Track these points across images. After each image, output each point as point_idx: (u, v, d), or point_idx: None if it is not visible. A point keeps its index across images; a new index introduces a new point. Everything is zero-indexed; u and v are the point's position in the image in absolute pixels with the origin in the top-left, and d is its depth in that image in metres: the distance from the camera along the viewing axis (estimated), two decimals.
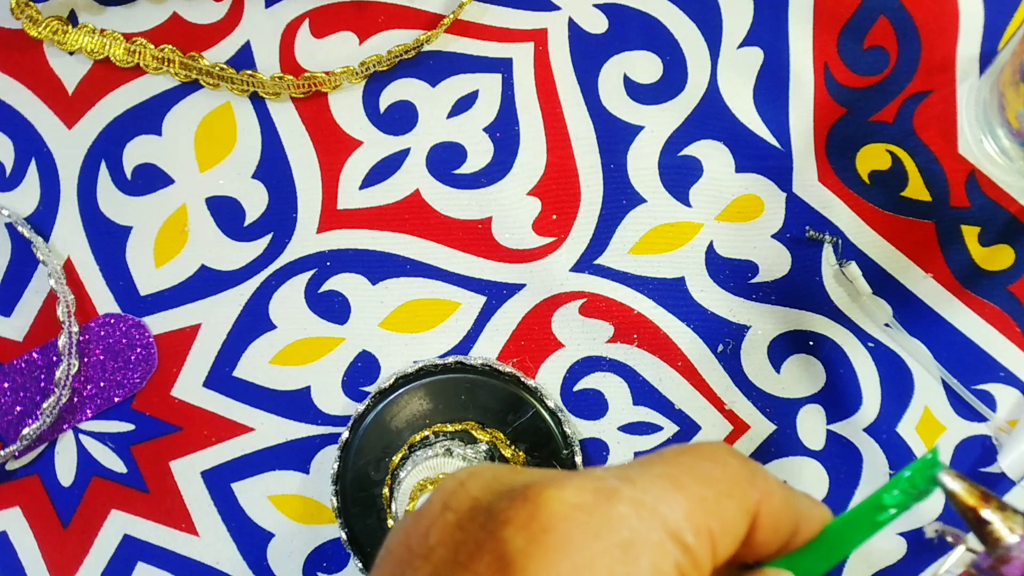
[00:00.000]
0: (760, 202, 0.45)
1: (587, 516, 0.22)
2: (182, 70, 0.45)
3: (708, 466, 0.24)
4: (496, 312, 0.45)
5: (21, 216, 0.45)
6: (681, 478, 0.23)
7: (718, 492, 0.23)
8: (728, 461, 0.24)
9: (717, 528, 0.23)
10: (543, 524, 0.21)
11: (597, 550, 0.21)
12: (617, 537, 0.22)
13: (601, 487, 0.23)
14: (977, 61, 0.44)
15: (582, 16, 0.45)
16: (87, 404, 0.45)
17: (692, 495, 0.23)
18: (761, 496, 0.24)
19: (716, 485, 0.24)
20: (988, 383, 0.44)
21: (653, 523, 0.22)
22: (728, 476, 0.24)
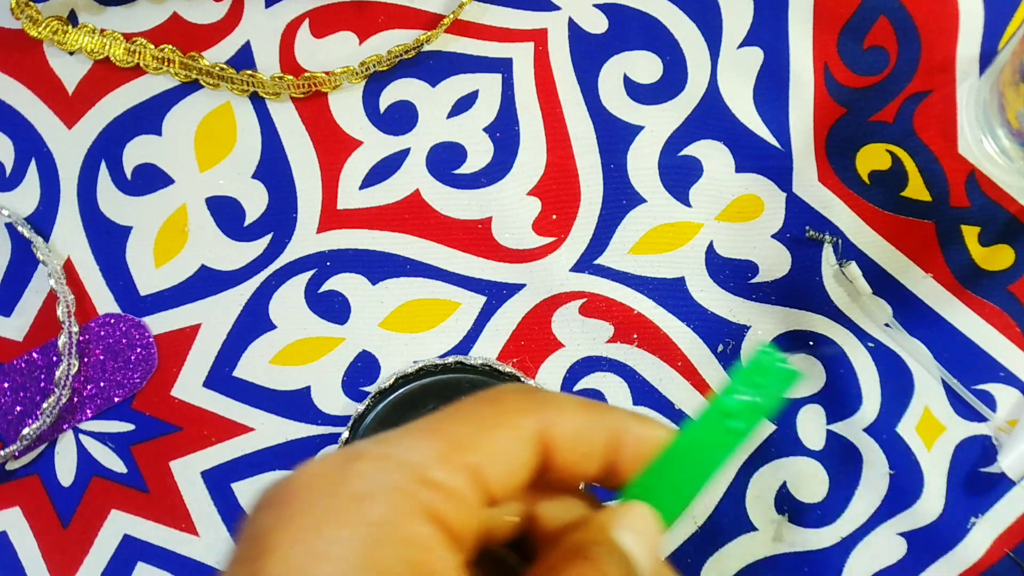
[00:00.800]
0: (760, 202, 0.45)
1: (325, 480, 0.22)
2: (182, 70, 0.45)
3: (478, 407, 0.24)
4: (496, 312, 0.45)
5: (21, 216, 0.45)
6: (439, 424, 0.24)
7: (481, 426, 0.23)
8: (503, 396, 0.24)
9: (481, 459, 0.23)
10: (286, 497, 0.22)
11: (331, 505, 0.21)
12: (351, 490, 0.22)
13: (348, 452, 0.23)
14: (977, 61, 0.44)
15: (582, 16, 0.45)
16: (87, 404, 0.45)
17: (446, 436, 0.23)
18: (545, 420, 0.24)
19: (480, 420, 0.24)
20: (988, 383, 0.44)
21: (395, 471, 0.22)
22: (498, 410, 0.24)
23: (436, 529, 0.22)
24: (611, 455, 0.25)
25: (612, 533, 0.24)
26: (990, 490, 0.43)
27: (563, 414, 0.24)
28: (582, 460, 0.25)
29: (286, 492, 0.22)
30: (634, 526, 0.24)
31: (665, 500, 0.25)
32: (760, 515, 0.44)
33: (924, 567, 0.43)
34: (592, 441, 0.25)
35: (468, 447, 0.23)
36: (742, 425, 0.25)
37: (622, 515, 0.24)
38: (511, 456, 0.24)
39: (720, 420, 0.25)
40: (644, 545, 0.24)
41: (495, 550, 0.26)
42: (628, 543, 0.24)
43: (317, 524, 0.21)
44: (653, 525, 0.25)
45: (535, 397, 0.25)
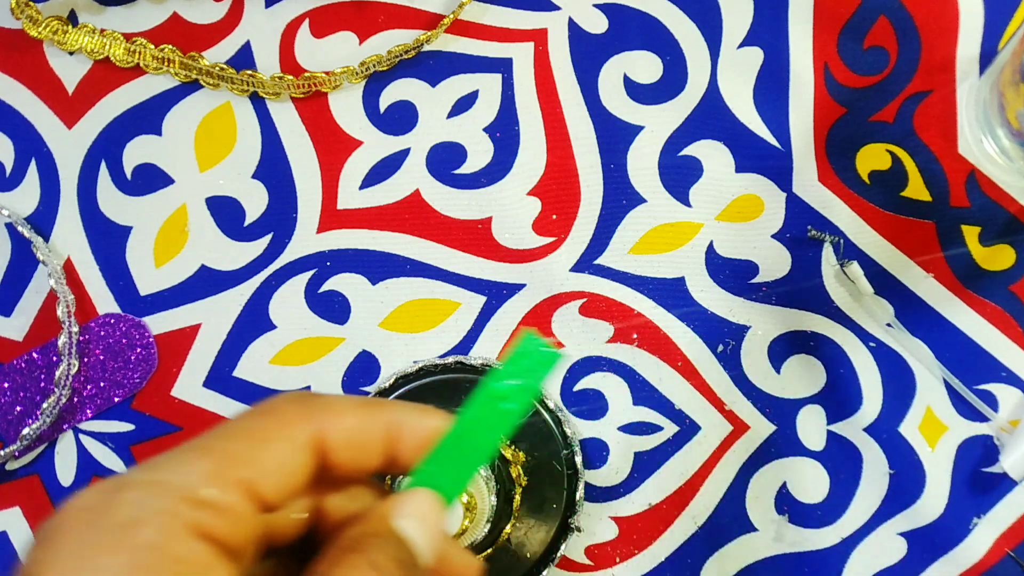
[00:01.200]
0: (760, 202, 0.45)
1: (90, 512, 0.22)
2: (182, 70, 0.45)
3: (250, 421, 0.25)
4: (496, 312, 0.45)
5: (21, 216, 0.45)
6: (210, 442, 0.24)
7: (253, 440, 0.24)
8: (276, 407, 0.26)
9: (253, 473, 0.24)
10: (53, 532, 0.22)
11: (96, 535, 0.22)
12: (117, 518, 0.22)
13: (115, 481, 0.23)
14: (977, 61, 0.44)
15: (582, 16, 0.45)
16: (87, 404, 0.45)
17: (216, 454, 0.24)
18: (319, 425, 0.25)
19: (251, 435, 0.25)
20: (990, 383, 0.44)
21: (162, 495, 0.23)
22: (271, 422, 0.25)
23: (208, 545, 0.23)
24: (391, 448, 0.27)
25: (391, 521, 0.25)
26: (991, 490, 0.43)
27: (337, 417, 0.26)
28: (361, 456, 0.26)
29: (53, 527, 0.22)
30: (413, 512, 0.26)
31: (448, 482, 0.27)
32: (760, 515, 0.44)
33: (925, 567, 0.43)
34: (368, 439, 0.26)
35: (239, 463, 0.24)
36: (513, 406, 0.27)
37: (401, 503, 0.26)
38: (285, 465, 0.25)
39: (493, 403, 0.27)
40: (424, 529, 0.26)
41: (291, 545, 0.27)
42: (407, 529, 0.25)
43: (82, 555, 0.22)
44: (433, 509, 0.26)
45: (309, 403, 0.26)
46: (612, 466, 0.44)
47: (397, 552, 0.25)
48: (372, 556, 0.24)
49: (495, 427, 0.27)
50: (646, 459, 0.44)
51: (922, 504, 0.43)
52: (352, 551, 0.24)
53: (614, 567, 0.44)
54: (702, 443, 0.44)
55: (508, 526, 0.41)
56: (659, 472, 0.44)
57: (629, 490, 0.44)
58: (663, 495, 0.44)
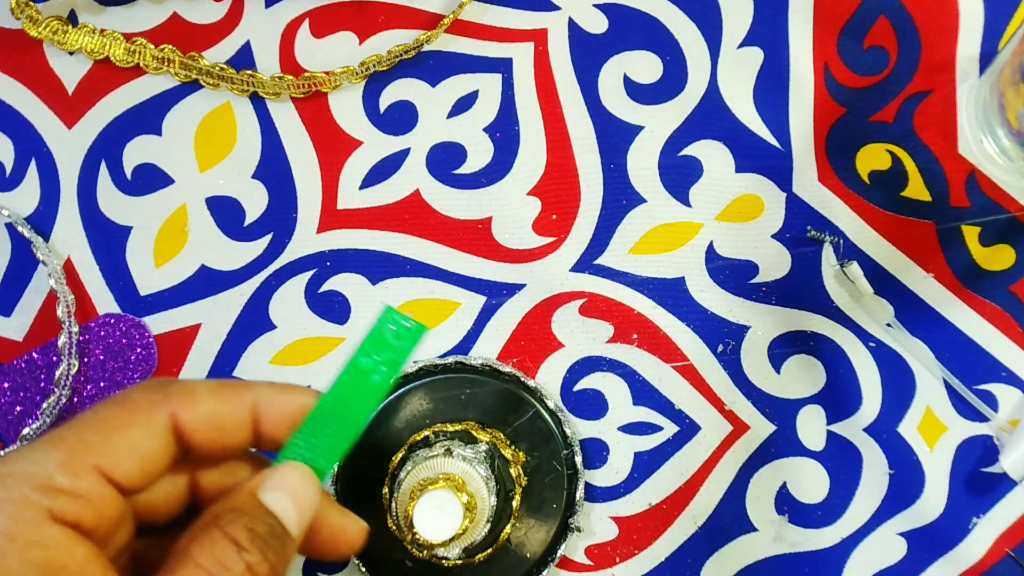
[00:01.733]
0: (760, 202, 0.45)
1: None
2: (182, 70, 0.45)
3: (104, 411, 0.26)
4: (496, 312, 0.45)
5: (21, 216, 0.45)
6: (63, 435, 0.25)
7: (106, 429, 0.26)
8: (131, 396, 0.27)
9: (107, 460, 0.25)
10: None
11: None
12: None
13: None
14: (977, 61, 0.44)
15: (582, 16, 0.45)
16: (87, 404, 0.45)
17: (69, 444, 0.25)
18: (175, 408, 0.26)
19: (105, 424, 0.26)
20: (990, 383, 0.44)
21: (16, 485, 0.24)
22: (125, 410, 0.26)
23: (64, 529, 0.24)
24: (256, 425, 0.28)
25: (260, 495, 0.26)
26: (991, 490, 0.43)
27: (192, 401, 0.27)
28: (224, 437, 0.27)
29: None
30: (281, 485, 0.27)
31: (321, 454, 0.28)
32: (760, 515, 0.44)
33: (924, 567, 0.43)
34: (228, 420, 0.27)
35: (91, 451, 0.25)
36: (380, 379, 0.28)
37: (270, 477, 0.27)
38: (139, 450, 0.26)
39: (360, 377, 0.28)
40: (293, 501, 0.27)
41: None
42: (273, 502, 0.26)
43: None
44: (302, 481, 0.27)
45: (164, 390, 0.27)
46: (612, 466, 0.44)
47: (260, 525, 0.25)
48: (232, 530, 0.25)
49: (364, 400, 0.28)
50: (646, 459, 0.44)
51: (922, 504, 0.43)
52: (213, 526, 0.25)
53: (614, 567, 0.44)
54: (702, 443, 0.44)
55: (508, 526, 0.41)
56: (659, 472, 0.44)
57: (629, 490, 0.44)
58: (663, 495, 0.44)
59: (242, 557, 0.25)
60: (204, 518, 0.26)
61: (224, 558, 0.24)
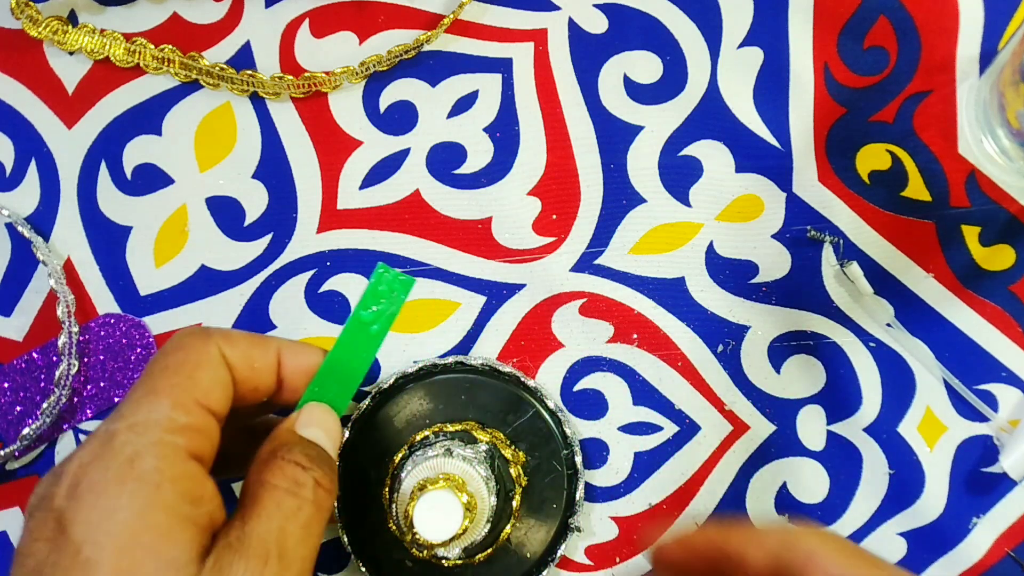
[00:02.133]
0: (760, 202, 0.45)
1: (98, 460, 0.28)
2: (182, 70, 0.45)
3: (171, 359, 0.31)
4: (496, 312, 0.45)
5: (21, 216, 0.45)
6: (154, 385, 0.30)
7: (186, 370, 0.31)
8: (184, 342, 0.32)
9: (201, 394, 0.30)
10: (73, 482, 0.28)
11: (111, 476, 0.27)
12: (122, 457, 0.28)
13: (105, 432, 0.29)
14: (977, 61, 0.44)
15: (582, 16, 0.45)
16: (87, 404, 0.45)
17: (169, 390, 0.30)
18: (219, 344, 0.32)
19: (181, 367, 0.31)
20: (990, 383, 0.44)
21: (148, 431, 0.29)
22: (188, 354, 0.31)
23: (197, 463, 0.29)
24: (278, 372, 0.33)
25: (298, 430, 0.32)
26: (991, 490, 0.43)
27: (232, 341, 0.32)
28: (256, 377, 0.33)
29: (71, 479, 0.28)
30: (312, 421, 0.32)
31: (335, 396, 0.34)
32: (760, 515, 0.44)
33: (925, 567, 0.43)
34: (259, 361, 0.33)
35: (189, 390, 0.30)
36: (378, 328, 0.34)
37: (301, 416, 0.33)
38: (220, 379, 0.31)
39: (361, 329, 0.34)
40: (325, 432, 0.32)
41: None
42: (311, 435, 0.32)
43: (105, 489, 0.27)
44: (327, 415, 0.33)
45: (207, 333, 0.32)
46: (612, 466, 0.44)
47: (310, 449, 0.31)
48: (293, 456, 0.31)
49: (367, 347, 0.34)
50: (646, 459, 0.44)
51: (922, 504, 0.43)
52: (275, 456, 0.31)
53: (614, 567, 0.44)
54: (702, 443, 0.44)
55: (508, 526, 0.41)
56: (659, 472, 0.44)
57: (629, 490, 0.44)
58: (663, 495, 0.44)
59: (308, 474, 0.30)
60: (261, 455, 0.31)
61: (295, 476, 0.30)
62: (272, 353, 0.33)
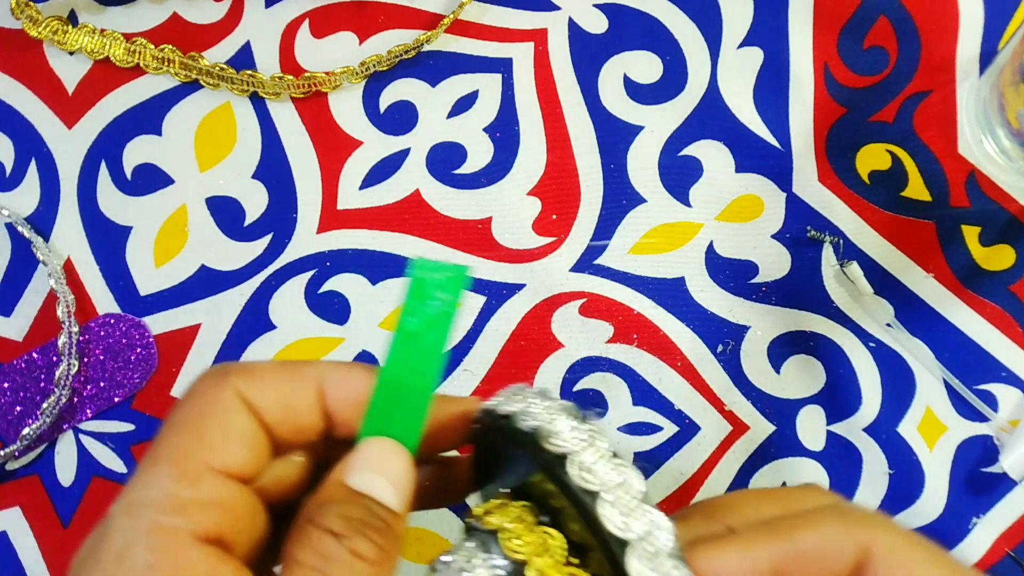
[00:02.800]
0: (760, 202, 0.45)
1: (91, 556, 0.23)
2: (182, 70, 0.45)
3: (181, 414, 0.25)
4: (496, 312, 0.45)
5: (21, 216, 0.45)
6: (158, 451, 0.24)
7: (193, 426, 0.24)
8: (198, 390, 0.25)
9: (216, 453, 0.24)
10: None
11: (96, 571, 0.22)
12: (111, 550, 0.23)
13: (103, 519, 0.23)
14: (977, 61, 0.44)
15: (582, 16, 0.45)
16: (87, 404, 0.45)
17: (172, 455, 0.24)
18: (237, 386, 0.25)
19: (187, 423, 0.25)
20: (989, 383, 0.44)
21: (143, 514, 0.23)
22: (198, 406, 0.25)
23: (206, 549, 0.22)
24: (323, 406, 0.26)
25: (346, 481, 0.24)
26: (991, 490, 0.43)
27: (254, 379, 0.25)
28: (295, 417, 0.26)
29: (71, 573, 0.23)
30: (366, 464, 0.25)
31: (400, 427, 0.25)
32: None
33: None
34: (294, 399, 0.25)
35: (196, 452, 0.24)
36: (433, 338, 0.26)
37: (352, 459, 0.25)
38: (238, 431, 0.24)
39: (412, 340, 0.26)
40: (384, 476, 0.24)
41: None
42: (363, 483, 0.24)
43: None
44: (386, 454, 0.25)
45: (224, 371, 0.25)
46: None
47: (353, 510, 0.24)
48: (325, 522, 0.23)
49: (424, 364, 0.26)
50: (646, 459, 0.44)
51: (921, 504, 0.43)
52: (307, 523, 0.24)
53: None
54: (702, 443, 0.44)
55: None
56: (659, 472, 0.44)
57: None
58: (663, 495, 0.44)
59: (343, 544, 0.23)
60: (298, 520, 0.24)
61: (324, 549, 0.23)
62: (309, 384, 0.26)
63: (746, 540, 0.24)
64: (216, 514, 0.23)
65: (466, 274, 0.26)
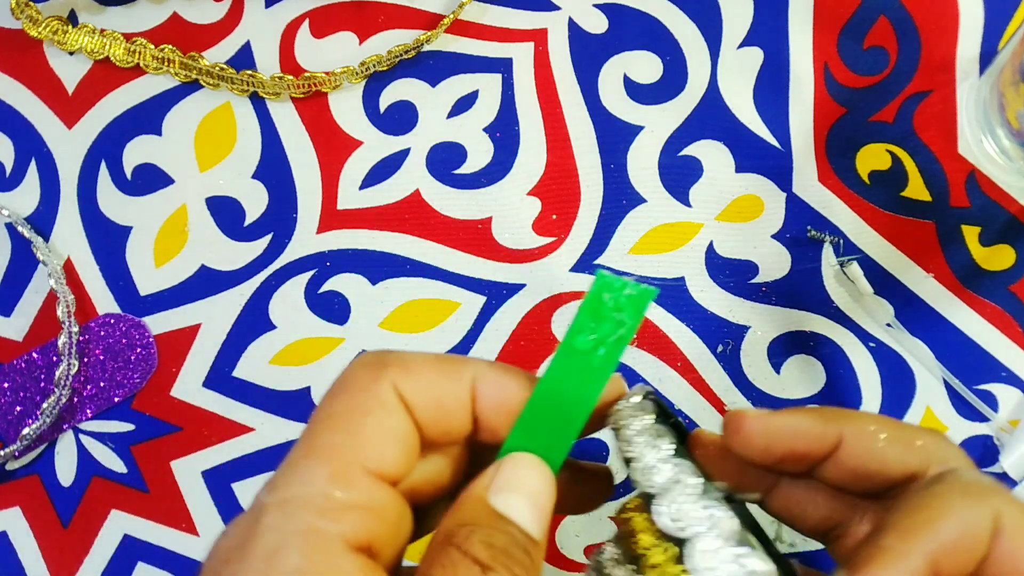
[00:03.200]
0: (760, 202, 0.45)
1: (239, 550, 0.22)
2: (182, 70, 0.45)
3: (335, 403, 0.24)
4: (496, 312, 0.45)
5: (21, 216, 0.45)
6: (313, 445, 0.23)
7: (349, 422, 0.23)
8: (352, 380, 0.24)
9: (371, 454, 0.23)
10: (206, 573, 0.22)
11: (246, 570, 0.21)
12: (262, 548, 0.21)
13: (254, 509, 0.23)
14: (977, 61, 0.44)
15: (582, 16, 0.45)
16: (87, 404, 0.45)
17: (328, 451, 0.23)
18: (394, 379, 0.24)
19: (343, 417, 0.23)
20: (990, 383, 0.44)
21: (299, 515, 0.22)
22: (353, 395, 0.24)
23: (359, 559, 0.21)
24: (474, 407, 0.25)
25: (490, 500, 0.23)
26: None
27: (411, 373, 0.24)
28: (445, 418, 0.24)
29: (212, 561, 0.22)
30: (512, 484, 0.23)
31: (546, 446, 0.24)
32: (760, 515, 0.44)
33: None
34: (447, 397, 0.24)
35: (352, 452, 0.23)
36: (601, 360, 0.24)
37: (498, 476, 0.23)
38: (393, 430, 0.23)
39: (577, 359, 0.24)
40: (527, 498, 0.23)
41: None
42: (506, 507, 0.23)
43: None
44: (534, 476, 0.23)
45: (381, 361, 0.24)
46: (612, 466, 0.44)
47: (498, 536, 0.22)
48: (470, 548, 0.22)
49: (585, 384, 0.24)
50: None
51: None
52: (448, 545, 0.22)
53: None
54: None
55: None
56: None
57: (629, 490, 0.44)
58: None
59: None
60: (437, 536, 0.23)
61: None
62: (465, 385, 0.24)
63: (897, 552, 0.22)
64: (369, 520, 0.22)
65: (651, 298, 0.24)
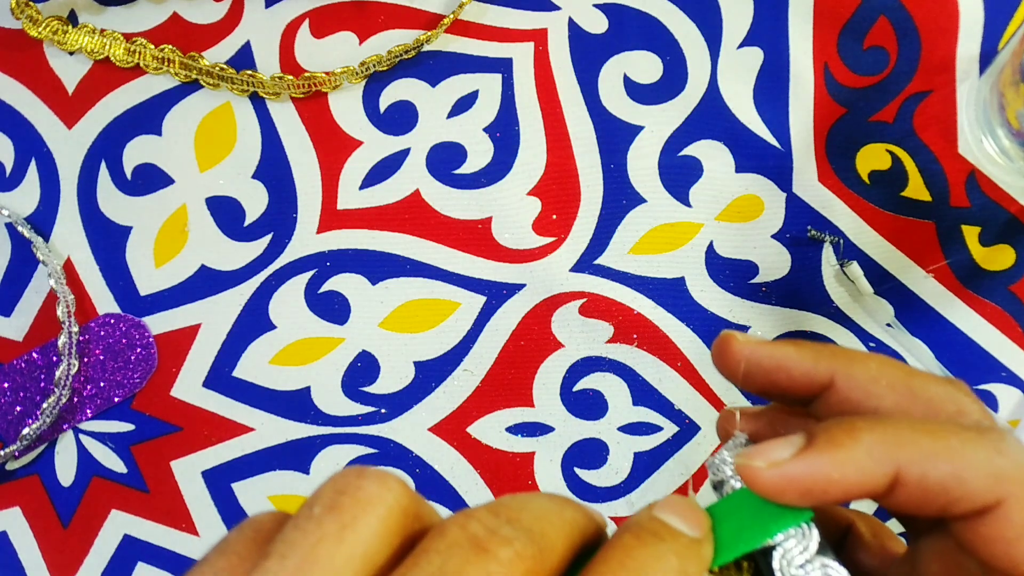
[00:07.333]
0: (760, 202, 0.45)
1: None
2: (182, 70, 0.45)
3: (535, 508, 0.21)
4: (496, 312, 0.45)
5: (21, 216, 0.45)
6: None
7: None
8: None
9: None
10: None
11: None
12: None
13: None
14: (977, 61, 0.44)
15: (582, 16, 0.45)
16: (87, 404, 0.45)
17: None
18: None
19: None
20: (989, 383, 0.44)
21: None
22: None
23: None
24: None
25: (654, 511, 0.23)
26: None
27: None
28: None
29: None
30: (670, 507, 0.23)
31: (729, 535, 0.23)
32: None
33: None
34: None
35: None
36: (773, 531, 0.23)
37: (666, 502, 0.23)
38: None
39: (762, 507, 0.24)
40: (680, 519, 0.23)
41: None
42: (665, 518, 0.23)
43: None
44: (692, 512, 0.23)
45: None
46: (612, 466, 0.44)
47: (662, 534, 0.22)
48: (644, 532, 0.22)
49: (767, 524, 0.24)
50: (646, 459, 0.44)
51: None
52: (625, 530, 0.22)
53: None
54: (702, 443, 0.44)
55: None
56: (659, 472, 0.44)
57: (629, 490, 0.44)
58: (663, 495, 0.44)
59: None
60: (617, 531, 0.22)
61: None
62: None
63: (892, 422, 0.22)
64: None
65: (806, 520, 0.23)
